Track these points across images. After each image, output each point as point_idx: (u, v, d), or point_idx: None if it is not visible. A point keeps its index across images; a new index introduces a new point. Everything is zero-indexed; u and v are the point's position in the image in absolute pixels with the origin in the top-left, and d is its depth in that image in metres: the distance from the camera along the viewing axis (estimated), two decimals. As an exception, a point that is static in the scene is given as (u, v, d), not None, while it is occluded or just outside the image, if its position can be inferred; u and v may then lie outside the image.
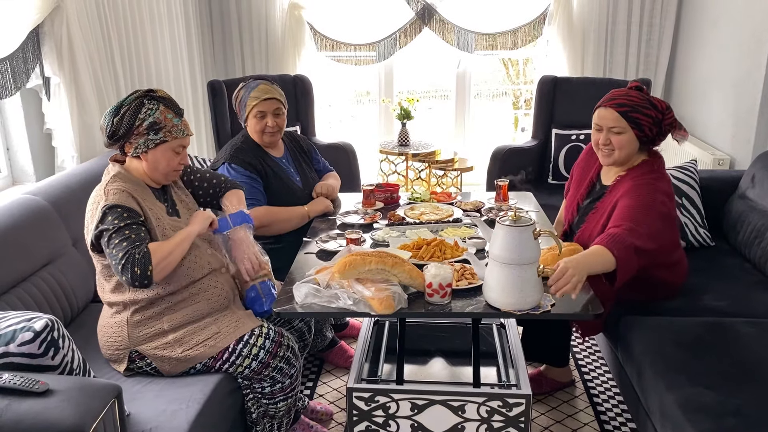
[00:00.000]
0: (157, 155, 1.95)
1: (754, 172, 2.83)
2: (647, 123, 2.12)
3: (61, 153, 2.94)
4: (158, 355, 1.95)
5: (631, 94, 2.15)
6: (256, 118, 2.56)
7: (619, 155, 2.18)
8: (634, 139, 2.14)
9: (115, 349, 1.98)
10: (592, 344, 2.98)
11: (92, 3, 3.03)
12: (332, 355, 2.80)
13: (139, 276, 1.78)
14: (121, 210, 1.85)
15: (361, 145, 4.55)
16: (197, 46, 4.29)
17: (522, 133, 5.74)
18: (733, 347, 2.04)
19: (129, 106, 1.91)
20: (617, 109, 2.12)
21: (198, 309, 2.00)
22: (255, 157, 2.58)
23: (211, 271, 2.07)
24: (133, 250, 1.79)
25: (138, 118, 1.91)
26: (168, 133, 1.94)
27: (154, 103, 1.93)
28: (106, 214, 1.84)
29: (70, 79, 2.86)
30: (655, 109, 2.12)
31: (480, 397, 1.92)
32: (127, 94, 1.97)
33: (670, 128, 2.16)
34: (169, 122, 1.94)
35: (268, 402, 2.07)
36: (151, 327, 1.96)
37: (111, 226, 1.82)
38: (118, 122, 1.91)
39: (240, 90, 2.60)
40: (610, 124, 2.15)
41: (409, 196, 2.85)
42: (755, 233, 2.65)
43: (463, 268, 2.00)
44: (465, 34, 4.53)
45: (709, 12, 3.93)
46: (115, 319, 1.98)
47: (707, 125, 3.93)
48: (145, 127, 1.91)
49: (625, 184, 2.18)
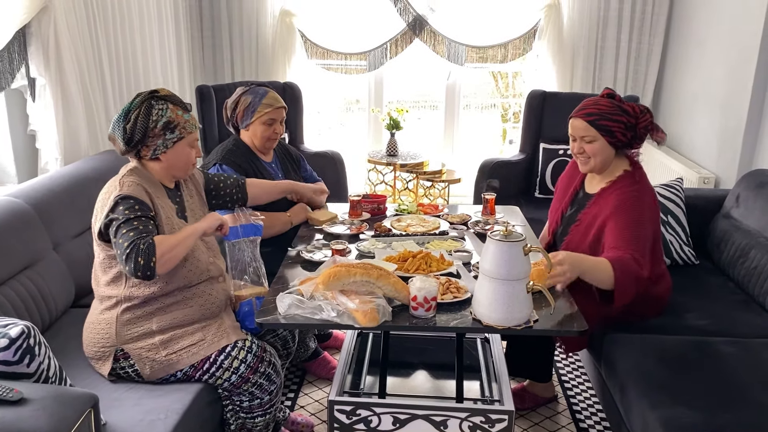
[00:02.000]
0: (176, 153, 1.98)
1: (739, 191, 2.85)
2: (618, 129, 2.16)
3: (44, 155, 2.90)
4: (142, 356, 1.92)
5: (601, 102, 2.20)
6: (265, 125, 2.60)
7: (595, 162, 2.23)
8: (607, 146, 2.19)
9: (101, 347, 1.95)
10: (575, 360, 2.98)
11: (81, 4, 2.99)
12: (315, 365, 2.78)
13: (142, 266, 1.77)
14: (133, 201, 1.86)
15: (349, 154, 4.54)
16: (186, 50, 4.26)
17: (510, 146, 5.76)
18: (716, 367, 2.04)
19: (138, 110, 1.91)
20: (586, 119, 2.18)
21: (189, 314, 1.99)
22: (246, 161, 2.61)
23: (209, 278, 2.06)
24: (138, 241, 1.78)
25: (151, 120, 1.91)
26: (183, 129, 1.96)
27: (163, 103, 1.94)
28: (118, 204, 1.85)
29: (56, 81, 2.83)
30: (626, 115, 2.17)
31: (462, 412, 1.91)
32: (130, 99, 1.97)
33: (646, 131, 2.21)
34: (181, 119, 1.96)
35: (246, 416, 2.04)
36: (140, 326, 1.94)
37: (121, 216, 1.83)
38: (131, 128, 1.91)
39: (244, 95, 2.60)
40: (581, 134, 2.20)
41: (396, 208, 2.84)
42: (739, 252, 2.67)
43: (449, 282, 1.99)
44: (455, 46, 4.54)
45: (698, 32, 3.97)
46: (104, 316, 1.96)
47: (693, 143, 3.96)
48: (161, 128, 1.92)
49: (610, 200, 2.20)
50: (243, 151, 2.62)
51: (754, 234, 2.64)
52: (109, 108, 3.25)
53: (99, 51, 3.18)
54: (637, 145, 2.25)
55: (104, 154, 2.92)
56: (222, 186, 2.33)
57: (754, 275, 2.53)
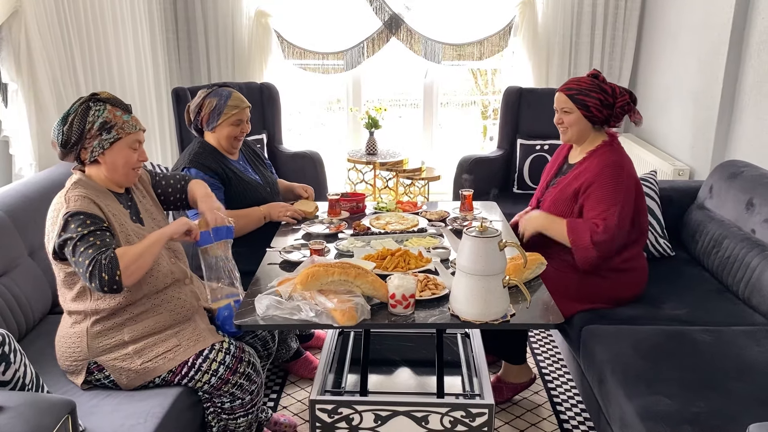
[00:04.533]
0: (114, 155, 1.93)
1: (712, 182, 2.89)
2: (594, 104, 2.38)
3: (18, 161, 2.87)
4: (117, 366, 1.91)
5: (582, 79, 2.43)
6: (233, 125, 2.62)
7: (572, 133, 2.46)
8: (582, 119, 2.41)
9: (73, 360, 1.93)
10: (555, 352, 3.01)
11: (52, 8, 2.96)
12: (297, 366, 2.78)
13: (107, 282, 1.75)
14: (83, 217, 1.81)
15: (330, 153, 4.54)
16: (162, 52, 4.23)
17: (490, 142, 5.79)
18: (692, 355, 2.08)
19: (76, 113, 1.88)
20: (566, 93, 2.42)
21: (160, 321, 1.97)
22: (215, 161, 2.61)
23: (173, 282, 2.04)
24: (99, 256, 1.76)
25: (87, 121, 1.88)
26: (120, 129, 1.92)
27: (100, 105, 1.91)
28: (69, 222, 1.81)
29: (28, 86, 2.80)
30: (604, 93, 2.38)
31: (443, 407, 1.92)
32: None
33: (623, 111, 2.40)
34: (119, 119, 1.92)
35: (228, 417, 2.04)
36: (112, 338, 1.92)
37: (75, 234, 1.79)
38: (68, 131, 1.88)
39: (208, 98, 2.59)
40: (561, 105, 2.44)
41: (375, 206, 2.85)
42: (713, 243, 2.71)
43: (427, 279, 2.01)
44: (432, 44, 4.56)
45: (670, 25, 4.02)
46: (74, 329, 1.93)
47: (668, 136, 4.01)
48: (97, 129, 1.88)
49: (592, 165, 2.40)
50: (210, 153, 2.62)
51: (728, 224, 2.69)
52: (83, 112, 3.22)
53: (72, 55, 3.15)
54: (614, 123, 2.44)
55: (79, 159, 2.89)
56: (164, 185, 2.25)
57: (728, 265, 2.58)
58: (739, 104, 3.27)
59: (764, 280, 2.36)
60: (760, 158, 2.99)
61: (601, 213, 2.30)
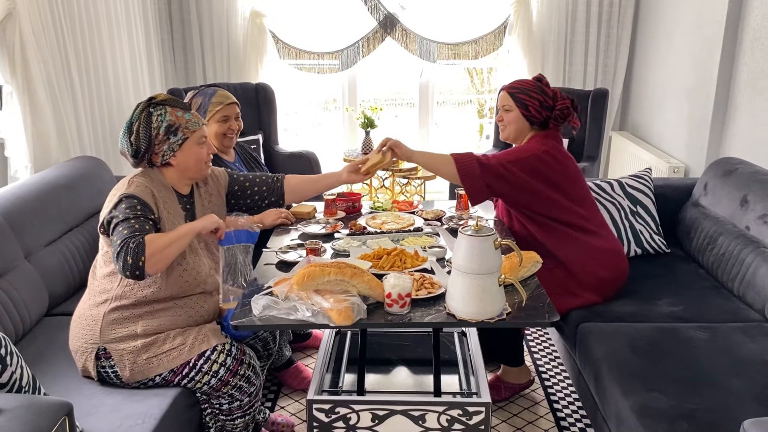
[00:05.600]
0: (185, 155, 1.99)
1: (707, 179, 2.90)
2: (533, 105, 2.44)
3: (14, 163, 2.87)
4: (123, 357, 1.92)
5: (526, 81, 2.50)
6: (219, 123, 2.62)
7: (509, 130, 2.53)
8: (521, 117, 2.47)
9: (84, 342, 1.95)
10: (552, 350, 3.02)
11: (47, 9, 2.96)
12: (287, 375, 2.72)
13: (130, 266, 1.76)
14: (136, 201, 1.87)
15: (326, 153, 4.54)
16: (157, 53, 4.23)
17: (487, 141, 5.80)
18: (687, 352, 2.08)
19: (139, 120, 1.93)
20: (508, 91, 2.50)
21: (176, 322, 1.99)
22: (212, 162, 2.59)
23: (203, 292, 2.06)
24: (129, 240, 1.78)
25: (152, 128, 1.93)
26: (186, 129, 1.97)
27: (161, 108, 1.95)
28: (122, 202, 1.87)
29: (23, 88, 2.80)
30: (544, 96, 2.45)
31: (440, 406, 1.92)
32: (131, 111, 1.99)
33: (562, 114, 2.44)
34: (182, 120, 1.97)
35: (225, 418, 2.04)
36: (125, 327, 1.94)
37: (121, 214, 1.84)
38: (136, 140, 1.93)
39: (195, 98, 2.61)
40: (503, 103, 2.52)
41: (371, 205, 2.85)
42: (708, 239, 2.72)
43: (423, 278, 2.01)
44: (427, 43, 4.57)
45: (664, 23, 4.04)
46: (92, 312, 1.96)
47: (663, 133, 4.03)
48: (163, 133, 1.94)
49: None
50: None
51: (722, 221, 2.70)
52: (78, 113, 3.22)
53: (67, 56, 3.15)
54: (554, 126, 2.47)
55: (75, 161, 2.89)
56: (249, 185, 2.32)
57: (723, 261, 2.59)
58: (733, 101, 3.29)
59: (759, 276, 2.37)
60: (755, 155, 3.00)
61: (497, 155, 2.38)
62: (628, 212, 2.86)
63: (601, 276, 2.43)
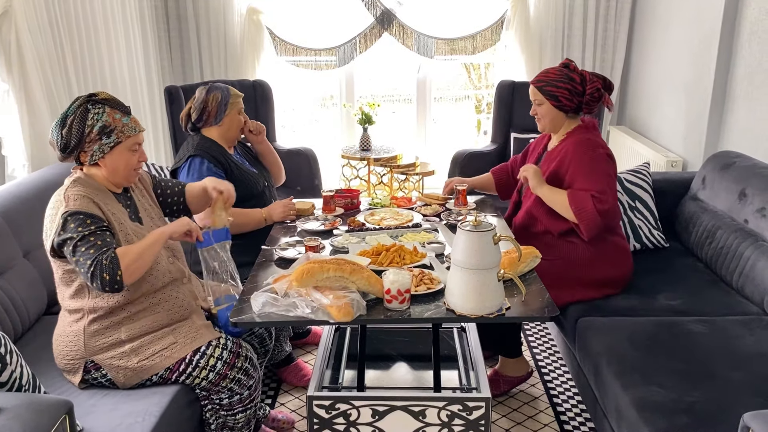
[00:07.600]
0: (114, 158, 1.92)
1: (705, 173, 2.90)
2: (562, 94, 2.43)
3: (11, 162, 2.86)
4: (114, 365, 1.91)
5: (551, 70, 2.48)
6: (239, 114, 2.69)
7: (545, 122, 2.53)
8: (553, 109, 2.47)
9: (71, 359, 1.93)
10: (551, 344, 3.02)
11: (43, 7, 2.95)
12: (287, 372, 2.73)
13: (108, 282, 1.76)
14: (83, 217, 1.81)
15: (324, 150, 4.53)
16: (154, 51, 4.22)
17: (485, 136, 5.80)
18: (686, 346, 2.09)
19: (74, 115, 1.87)
20: (535, 85, 2.49)
21: (157, 320, 1.97)
22: (220, 154, 2.63)
23: (171, 281, 2.04)
24: (100, 257, 1.76)
25: (87, 125, 1.87)
26: (120, 133, 1.91)
27: (99, 107, 1.89)
28: (68, 221, 1.80)
29: (19, 86, 2.79)
30: (572, 82, 2.43)
31: (440, 401, 1.93)
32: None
33: (593, 98, 2.43)
34: (118, 123, 1.91)
35: (226, 413, 2.04)
36: (109, 336, 1.92)
37: (75, 234, 1.78)
38: (67, 134, 1.87)
39: (212, 93, 2.62)
40: (533, 97, 2.51)
41: (369, 202, 2.85)
42: (706, 233, 2.72)
43: (422, 273, 2.01)
44: (425, 39, 4.56)
45: (661, 17, 4.03)
46: (72, 328, 1.93)
47: (660, 127, 4.03)
48: (96, 133, 1.87)
49: (567, 146, 2.46)
50: (213, 144, 2.64)
51: (720, 215, 2.70)
52: (76, 112, 3.21)
53: (63, 54, 3.14)
54: (587, 110, 2.47)
55: (73, 159, 2.89)
56: (164, 187, 2.24)
57: (721, 255, 2.59)
58: (730, 95, 3.29)
59: (757, 269, 2.37)
60: (753, 148, 3.00)
61: (593, 185, 2.31)
62: (627, 207, 2.87)
63: (610, 274, 2.45)
